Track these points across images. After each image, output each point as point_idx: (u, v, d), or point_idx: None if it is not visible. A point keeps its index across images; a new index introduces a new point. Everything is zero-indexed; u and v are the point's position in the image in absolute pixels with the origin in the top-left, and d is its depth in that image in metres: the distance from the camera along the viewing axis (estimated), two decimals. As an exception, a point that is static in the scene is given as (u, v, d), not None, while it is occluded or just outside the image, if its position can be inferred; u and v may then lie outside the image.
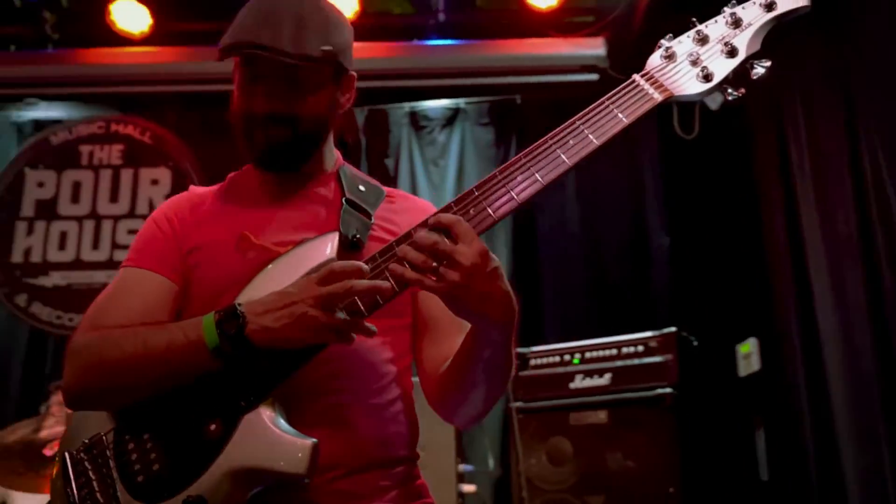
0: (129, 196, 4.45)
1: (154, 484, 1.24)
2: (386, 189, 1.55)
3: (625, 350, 3.31)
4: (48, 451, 2.76)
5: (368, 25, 4.36)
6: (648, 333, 3.29)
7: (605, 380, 3.29)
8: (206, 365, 1.24)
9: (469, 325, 1.28)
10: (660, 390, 3.13)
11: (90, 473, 1.29)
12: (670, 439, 3.08)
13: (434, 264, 1.17)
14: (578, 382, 3.34)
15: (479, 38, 4.51)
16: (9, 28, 4.48)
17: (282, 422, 1.24)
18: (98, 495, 1.27)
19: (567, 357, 3.41)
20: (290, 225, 1.43)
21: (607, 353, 3.34)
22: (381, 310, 1.25)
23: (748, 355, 3.85)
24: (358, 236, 1.39)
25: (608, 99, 1.30)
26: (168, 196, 4.42)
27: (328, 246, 1.31)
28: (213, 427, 1.24)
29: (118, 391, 1.30)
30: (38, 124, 4.61)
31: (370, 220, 1.44)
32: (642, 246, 4.28)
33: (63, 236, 4.39)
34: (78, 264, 4.35)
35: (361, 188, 1.50)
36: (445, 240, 1.18)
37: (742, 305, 3.90)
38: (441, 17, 4.49)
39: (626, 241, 4.31)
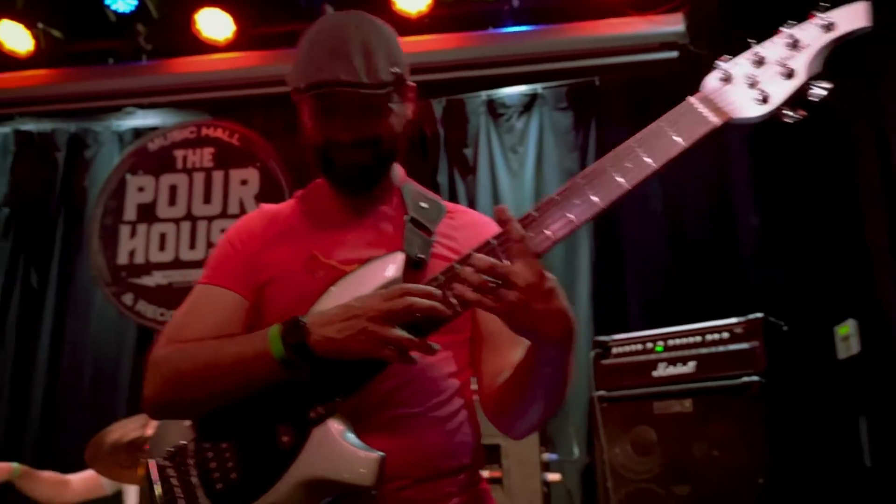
0: (220, 197, 4.65)
1: (232, 491, 1.33)
2: (446, 204, 1.60)
3: (709, 337, 3.21)
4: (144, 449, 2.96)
5: (442, 17, 4.39)
6: (734, 320, 3.19)
7: (690, 368, 3.22)
8: (274, 375, 1.31)
9: (526, 341, 1.31)
10: (746, 378, 3.03)
11: (173, 480, 1.38)
12: (759, 429, 2.98)
13: (492, 284, 1.21)
14: (662, 371, 3.27)
15: (555, 21, 4.44)
16: (106, 42, 4.75)
17: (350, 434, 1.30)
18: (181, 501, 1.36)
19: (649, 345, 3.34)
20: (358, 243, 1.49)
21: (691, 340, 3.25)
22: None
23: (847, 337, 3.67)
24: (421, 255, 1.44)
25: (663, 121, 1.30)
26: (257, 195, 4.64)
27: (393, 265, 1.38)
28: (285, 438, 1.31)
29: (194, 402, 1.39)
30: (137, 132, 4.87)
31: (432, 237, 1.49)
32: (730, 227, 4.13)
33: (163, 238, 4.64)
34: (177, 263, 4.59)
35: (423, 205, 1.55)
36: (504, 260, 1.22)
37: (838, 286, 3.71)
38: (515, 3, 4.45)
39: (712, 222, 4.18)
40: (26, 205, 4.78)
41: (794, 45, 1.29)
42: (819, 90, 1.28)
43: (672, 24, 4.20)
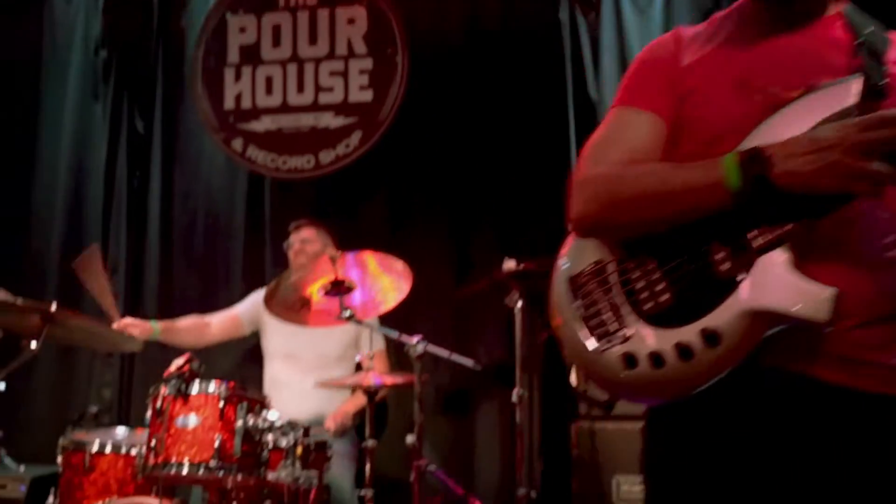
0: (327, 37, 4.41)
1: (664, 312, 1.29)
2: (889, 34, 1.41)
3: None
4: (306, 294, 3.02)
5: None
6: None
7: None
8: (723, 205, 1.24)
9: None
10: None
11: (594, 295, 1.37)
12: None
13: None
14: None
15: None
16: None
17: (797, 270, 1.22)
18: (605, 313, 1.35)
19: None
20: (797, 68, 1.34)
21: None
22: None
23: None
24: (881, 83, 1.27)
25: None
26: (365, 35, 4.39)
27: (850, 92, 1.23)
28: (725, 265, 1.25)
29: (631, 223, 1.35)
30: (232, -31, 4.57)
31: (884, 66, 1.32)
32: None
33: (269, 81, 4.45)
34: (285, 108, 4.43)
35: (868, 31, 1.37)
36: None
37: None
38: None
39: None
40: (124, 47, 4.58)
41: None
42: None
43: None
